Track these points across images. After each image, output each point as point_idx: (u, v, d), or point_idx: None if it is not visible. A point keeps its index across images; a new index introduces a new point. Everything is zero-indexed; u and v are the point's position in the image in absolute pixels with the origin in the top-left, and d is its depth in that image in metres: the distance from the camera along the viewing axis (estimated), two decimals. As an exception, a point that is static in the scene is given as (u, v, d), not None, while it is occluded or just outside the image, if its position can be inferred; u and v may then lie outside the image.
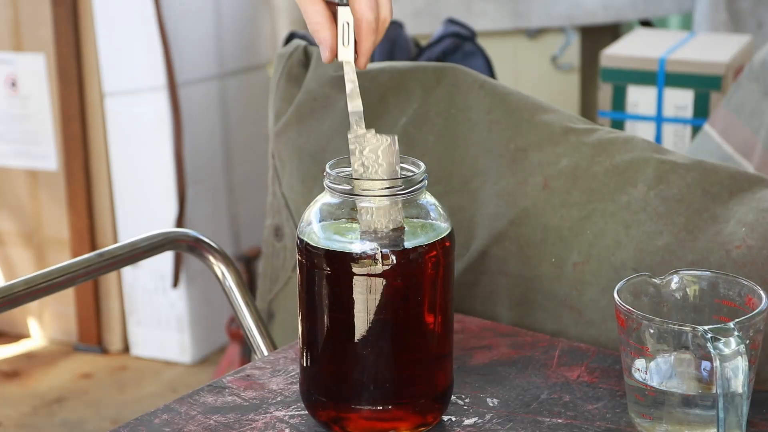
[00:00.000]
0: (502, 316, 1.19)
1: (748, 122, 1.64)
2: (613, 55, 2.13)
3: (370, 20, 0.91)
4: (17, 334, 2.97)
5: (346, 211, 0.91)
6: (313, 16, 0.91)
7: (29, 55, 2.75)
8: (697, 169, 1.12)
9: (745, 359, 0.83)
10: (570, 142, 1.17)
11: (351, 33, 0.91)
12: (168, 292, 2.81)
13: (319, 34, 0.92)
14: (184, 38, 2.72)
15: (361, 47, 0.92)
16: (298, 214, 1.32)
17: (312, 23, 0.92)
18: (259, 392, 1.00)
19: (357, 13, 0.90)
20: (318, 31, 0.92)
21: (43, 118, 2.78)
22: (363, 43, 0.92)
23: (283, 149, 1.32)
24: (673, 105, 2.08)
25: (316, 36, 0.92)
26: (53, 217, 2.83)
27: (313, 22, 0.92)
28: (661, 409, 0.90)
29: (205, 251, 1.24)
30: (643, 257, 1.10)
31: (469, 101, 1.23)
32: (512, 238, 1.18)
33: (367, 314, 0.89)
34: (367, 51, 0.92)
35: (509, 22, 2.81)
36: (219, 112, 2.88)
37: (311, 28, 0.92)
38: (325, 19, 0.92)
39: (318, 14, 0.91)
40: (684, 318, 0.95)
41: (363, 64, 0.93)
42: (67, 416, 2.59)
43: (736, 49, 2.13)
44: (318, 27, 0.92)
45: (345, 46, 0.91)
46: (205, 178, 2.84)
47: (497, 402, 0.98)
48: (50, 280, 1.15)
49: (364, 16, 0.90)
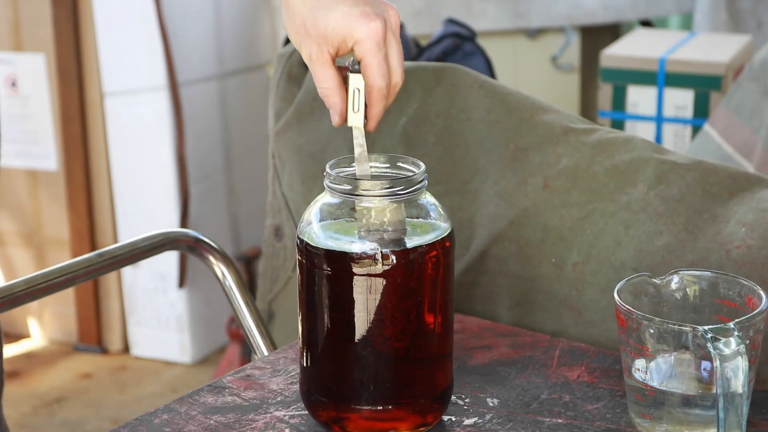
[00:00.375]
0: (502, 316, 1.19)
1: (748, 122, 1.64)
2: (613, 55, 2.13)
3: (382, 87, 0.90)
4: (17, 334, 2.96)
5: (346, 211, 0.91)
6: (324, 80, 0.91)
7: (29, 55, 2.75)
8: (697, 169, 1.12)
9: (745, 359, 0.83)
10: (570, 142, 1.17)
11: (361, 99, 0.91)
12: (168, 292, 2.81)
13: (328, 99, 0.91)
14: (184, 38, 2.72)
15: (372, 111, 0.91)
16: (298, 214, 1.32)
17: (322, 88, 0.91)
18: (259, 392, 1.00)
19: (369, 80, 0.90)
20: (328, 96, 0.91)
21: (43, 118, 2.78)
22: (374, 107, 0.91)
23: (283, 149, 1.32)
24: (673, 105, 2.08)
25: (326, 100, 0.92)
26: (53, 217, 2.83)
27: (323, 87, 0.91)
28: (661, 409, 0.90)
29: (205, 251, 1.24)
30: (643, 257, 1.10)
31: (469, 101, 1.23)
32: (512, 238, 1.18)
33: (367, 314, 0.89)
34: (378, 115, 0.92)
35: (509, 22, 2.82)
36: (219, 112, 2.88)
37: (321, 93, 0.92)
38: (335, 85, 0.91)
39: (329, 79, 0.91)
40: (684, 318, 0.95)
41: (372, 127, 0.93)
42: (67, 416, 2.59)
43: (736, 49, 2.14)
44: (328, 92, 0.91)
45: (355, 112, 0.91)
46: (205, 178, 2.84)
47: (497, 402, 0.98)
48: (50, 280, 1.15)
49: (375, 83, 0.90)
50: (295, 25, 0.91)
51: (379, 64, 0.89)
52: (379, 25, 0.88)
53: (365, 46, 0.88)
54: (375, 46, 0.88)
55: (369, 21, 0.88)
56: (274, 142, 1.34)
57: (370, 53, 0.89)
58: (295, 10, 0.90)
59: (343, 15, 0.88)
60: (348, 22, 0.88)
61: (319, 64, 0.91)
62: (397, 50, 0.90)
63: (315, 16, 0.89)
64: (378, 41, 0.88)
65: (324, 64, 0.90)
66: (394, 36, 0.90)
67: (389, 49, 0.90)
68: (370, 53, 0.89)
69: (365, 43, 0.88)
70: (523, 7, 2.80)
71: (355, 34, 0.88)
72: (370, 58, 0.89)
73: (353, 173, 0.93)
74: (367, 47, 0.88)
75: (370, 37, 0.88)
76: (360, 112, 0.91)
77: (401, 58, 0.91)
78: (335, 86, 0.91)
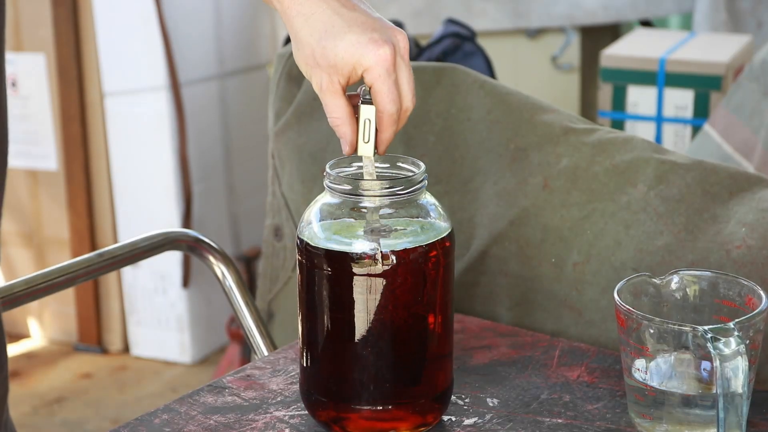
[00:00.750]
0: (502, 316, 1.19)
1: (748, 122, 1.64)
2: (613, 55, 2.13)
3: (392, 112, 0.90)
4: (17, 334, 2.96)
5: (346, 211, 0.91)
6: (334, 110, 0.91)
7: (29, 55, 2.75)
8: (697, 169, 1.12)
9: (745, 359, 0.83)
10: (570, 142, 1.17)
11: (372, 130, 0.90)
12: (168, 292, 2.81)
13: (339, 129, 0.91)
14: (184, 38, 2.72)
15: (382, 136, 0.91)
16: (298, 214, 1.32)
17: (333, 118, 0.91)
18: (259, 392, 1.00)
19: (379, 106, 0.90)
20: (339, 126, 0.91)
21: (43, 118, 2.78)
22: (384, 132, 0.91)
23: (283, 149, 1.32)
24: (673, 105, 2.08)
25: (336, 130, 0.92)
26: (53, 217, 2.83)
27: (334, 117, 0.91)
28: (661, 409, 0.90)
29: (205, 251, 1.24)
30: (643, 257, 1.10)
31: (469, 101, 1.23)
32: (512, 238, 1.18)
33: (367, 314, 0.89)
34: (388, 140, 0.92)
35: (509, 22, 2.82)
36: (219, 112, 2.88)
37: (332, 123, 0.92)
38: (346, 114, 0.91)
39: (339, 109, 0.91)
40: (684, 318, 0.95)
41: (382, 152, 0.93)
42: (67, 416, 2.59)
43: (736, 49, 2.14)
44: (339, 122, 0.91)
45: (366, 142, 0.91)
46: (206, 178, 2.84)
47: (497, 402, 0.98)
48: (50, 280, 1.15)
49: (386, 109, 0.90)
50: (304, 55, 0.91)
51: (389, 90, 0.89)
52: (388, 51, 0.88)
53: (375, 72, 0.89)
54: (384, 72, 0.89)
55: (378, 48, 0.88)
56: (274, 142, 1.34)
57: (379, 80, 0.89)
58: (303, 42, 0.90)
59: (351, 44, 0.88)
60: (357, 50, 0.88)
61: (330, 94, 0.91)
62: (407, 75, 0.91)
63: (323, 46, 0.89)
64: (387, 67, 0.89)
65: (334, 94, 0.91)
66: (403, 61, 0.90)
67: (399, 74, 0.90)
68: (380, 80, 0.89)
69: (375, 70, 0.89)
70: (523, 7, 2.80)
71: (365, 61, 0.88)
72: (380, 84, 0.89)
73: (353, 173, 0.93)
74: (376, 74, 0.89)
75: (379, 63, 0.88)
76: (371, 143, 0.91)
77: (411, 83, 0.91)
78: (346, 116, 0.91)
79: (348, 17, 0.89)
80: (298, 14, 0.90)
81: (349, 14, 0.89)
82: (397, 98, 0.90)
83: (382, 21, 0.91)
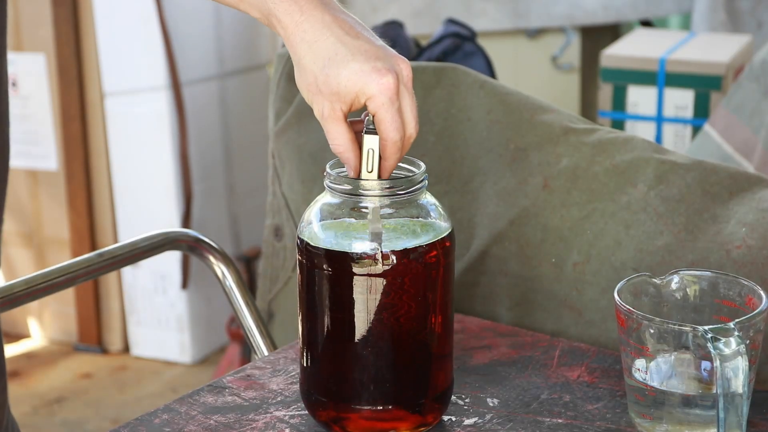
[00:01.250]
0: (502, 316, 1.19)
1: (748, 122, 1.64)
2: (613, 55, 2.13)
3: (396, 140, 0.90)
4: (17, 334, 2.97)
5: (346, 211, 0.91)
6: (337, 138, 0.91)
7: (29, 55, 2.75)
8: (697, 169, 1.12)
9: (745, 359, 0.83)
10: (570, 142, 1.17)
11: (376, 159, 0.90)
12: (168, 292, 2.81)
13: (343, 156, 0.91)
14: (184, 38, 2.72)
15: (386, 164, 0.91)
16: (298, 214, 1.32)
17: (335, 145, 0.91)
18: (259, 392, 1.00)
19: (383, 134, 0.90)
20: (342, 153, 0.91)
21: (43, 118, 2.78)
22: (388, 160, 0.91)
23: (283, 149, 1.32)
24: (673, 105, 2.08)
25: (340, 157, 0.91)
26: (53, 217, 2.83)
27: (337, 144, 0.91)
28: (661, 409, 0.90)
29: (205, 251, 1.24)
30: (643, 257, 1.10)
31: (469, 101, 1.23)
32: (512, 238, 1.18)
33: (367, 314, 0.89)
34: (391, 167, 0.92)
35: (509, 22, 2.81)
36: (219, 112, 2.88)
37: (334, 150, 0.92)
38: (348, 141, 0.91)
39: (341, 136, 0.91)
40: (684, 318, 0.95)
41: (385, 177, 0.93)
42: (67, 416, 2.59)
43: (736, 49, 2.14)
44: (342, 149, 0.91)
45: (369, 172, 0.91)
46: (205, 178, 2.84)
47: (497, 402, 0.98)
48: (50, 280, 1.15)
49: (390, 137, 0.90)
50: (307, 82, 0.91)
51: (392, 118, 0.89)
52: (392, 80, 0.89)
53: (378, 101, 0.89)
54: (388, 101, 0.89)
55: (381, 77, 0.88)
56: (274, 142, 1.34)
57: (383, 108, 0.89)
58: (306, 69, 0.90)
59: (354, 72, 0.88)
60: (360, 79, 0.88)
61: (332, 121, 0.91)
62: (410, 103, 0.91)
63: (327, 74, 0.89)
64: (390, 96, 0.89)
65: (336, 121, 0.91)
66: (406, 89, 0.90)
67: (402, 102, 0.90)
68: (383, 108, 0.89)
69: (378, 99, 0.89)
70: (523, 7, 2.80)
71: (368, 90, 0.88)
72: (383, 112, 0.89)
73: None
74: (379, 102, 0.89)
75: (382, 92, 0.88)
76: (374, 172, 0.91)
77: (414, 111, 0.91)
78: (348, 143, 0.91)
79: (352, 45, 0.89)
80: (302, 41, 0.90)
81: (352, 42, 0.89)
82: (400, 126, 0.90)
83: (386, 49, 0.91)
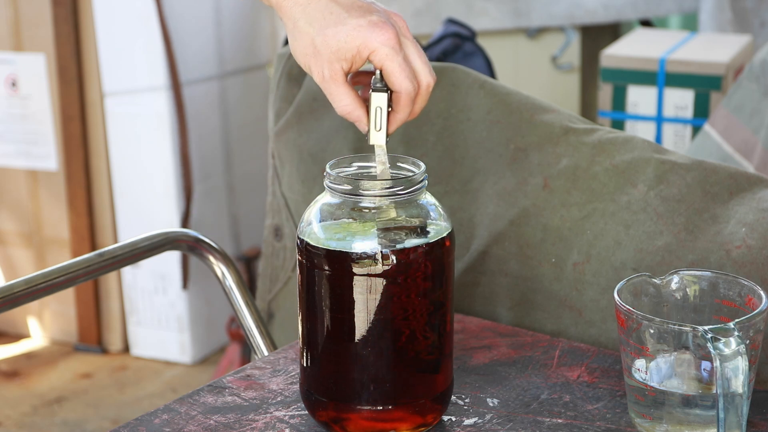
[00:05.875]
0: (502, 316, 1.19)
1: (748, 122, 1.64)
2: (614, 55, 2.13)
3: (410, 89, 0.89)
4: (17, 334, 2.97)
5: (346, 211, 0.91)
6: (342, 98, 0.90)
7: (29, 55, 2.75)
8: (697, 169, 1.12)
9: (745, 359, 0.83)
10: (570, 142, 1.17)
11: (384, 118, 0.90)
12: (168, 292, 2.81)
13: (351, 115, 0.90)
14: (184, 38, 2.72)
15: (396, 117, 0.90)
16: (298, 214, 1.32)
17: (341, 106, 0.90)
18: (259, 392, 1.00)
19: (395, 85, 0.89)
20: (350, 113, 0.90)
21: (43, 118, 2.78)
22: (398, 113, 0.90)
23: (283, 149, 1.32)
24: (673, 105, 2.08)
25: (348, 117, 0.90)
26: (53, 217, 2.83)
27: (343, 105, 0.90)
28: (661, 409, 0.90)
29: (205, 251, 1.24)
30: (643, 257, 1.10)
31: (469, 101, 1.23)
32: (512, 238, 1.18)
33: (367, 314, 0.89)
34: (400, 122, 0.91)
35: (509, 22, 2.81)
36: (219, 112, 2.88)
37: (341, 111, 0.91)
38: (354, 100, 0.90)
39: (346, 96, 0.90)
40: (684, 318, 0.95)
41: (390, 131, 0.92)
42: (67, 416, 2.59)
43: (736, 49, 2.14)
44: (349, 108, 0.90)
45: (377, 131, 0.90)
46: (206, 178, 2.84)
47: (497, 402, 0.98)
48: (50, 280, 1.15)
49: (403, 86, 0.89)
50: (303, 46, 0.90)
51: (401, 67, 0.89)
52: (392, 30, 0.88)
53: (382, 52, 0.88)
54: (392, 50, 0.88)
55: (380, 29, 0.88)
56: (274, 142, 1.34)
57: (388, 58, 0.88)
58: (302, 32, 0.90)
59: (353, 28, 0.88)
60: (360, 34, 0.88)
61: (333, 82, 0.90)
62: (415, 51, 0.90)
63: (324, 34, 0.89)
64: (393, 45, 0.88)
65: (338, 82, 0.90)
66: (407, 39, 0.90)
67: (407, 51, 0.90)
68: (389, 58, 0.88)
69: (382, 50, 0.88)
70: (524, 7, 2.80)
71: (370, 43, 0.88)
72: (390, 63, 0.88)
73: (353, 173, 0.93)
74: (384, 53, 0.88)
75: (384, 43, 0.88)
76: (382, 131, 0.90)
77: (424, 58, 0.90)
78: (354, 101, 0.90)
79: (345, 3, 0.89)
80: (296, 4, 0.90)
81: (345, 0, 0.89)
82: (411, 74, 0.89)
83: (377, 5, 0.91)
